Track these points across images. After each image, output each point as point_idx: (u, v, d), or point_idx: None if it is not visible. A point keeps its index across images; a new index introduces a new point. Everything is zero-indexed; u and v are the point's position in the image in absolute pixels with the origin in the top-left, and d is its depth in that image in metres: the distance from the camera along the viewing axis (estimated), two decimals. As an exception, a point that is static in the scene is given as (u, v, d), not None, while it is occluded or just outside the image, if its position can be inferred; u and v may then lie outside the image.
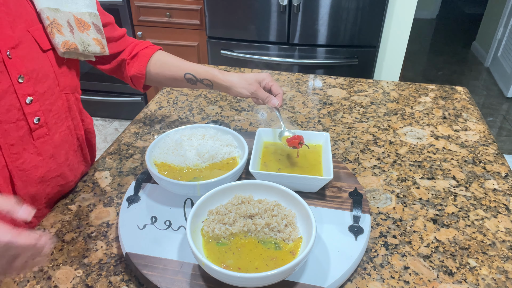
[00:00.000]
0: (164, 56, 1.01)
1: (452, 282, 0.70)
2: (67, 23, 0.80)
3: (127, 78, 1.02)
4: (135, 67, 1.00)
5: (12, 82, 0.72)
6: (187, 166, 0.86)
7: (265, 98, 0.93)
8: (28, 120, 0.75)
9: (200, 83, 0.97)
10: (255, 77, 0.93)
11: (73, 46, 0.81)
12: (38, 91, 0.77)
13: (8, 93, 0.71)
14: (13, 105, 0.72)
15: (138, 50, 1.00)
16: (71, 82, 0.86)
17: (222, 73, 0.94)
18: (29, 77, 0.75)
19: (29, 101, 0.75)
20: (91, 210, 0.86)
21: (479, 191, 0.91)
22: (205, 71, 0.95)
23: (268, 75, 0.95)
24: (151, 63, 1.00)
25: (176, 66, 0.98)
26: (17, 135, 0.74)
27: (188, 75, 0.96)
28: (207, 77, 0.95)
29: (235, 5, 2.07)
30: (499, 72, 3.62)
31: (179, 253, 0.73)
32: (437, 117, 1.19)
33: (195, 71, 0.96)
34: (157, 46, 1.04)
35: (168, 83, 1.03)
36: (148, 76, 1.01)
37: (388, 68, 2.30)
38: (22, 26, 0.74)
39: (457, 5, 5.68)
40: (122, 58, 1.00)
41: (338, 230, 0.77)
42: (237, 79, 0.93)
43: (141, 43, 1.03)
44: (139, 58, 1.00)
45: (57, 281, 0.71)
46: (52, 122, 0.81)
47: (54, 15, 0.78)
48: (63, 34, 0.79)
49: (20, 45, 0.73)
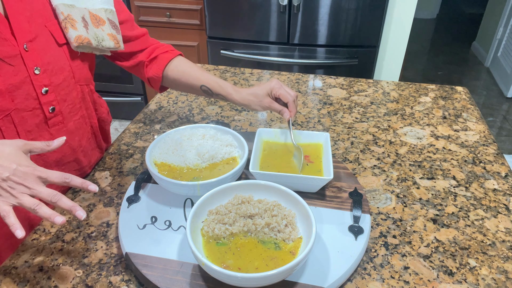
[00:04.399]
0: (183, 63, 1.02)
1: (452, 282, 0.70)
2: (81, 19, 0.84)
3: (145, 79, 1.04)
4: (153, 70, 1.02)
5: (29, 73, 0.77)
6: (187, 166, 0.86)
7: (279, 111, 0.93)
8: (44, 109, 0.80)
9: (216, 96, 0.98)
10: (265, 90, 0.92)
11: (86, 41, 0.84)
12: (54, 82, 0.81)
13: (25, 83, 0.76)
14: (29, 94, 0.78)
15: (158, 53, 1.02)
16: (86, 75, 0.91)
17: (236, 91, 0.94)
18: (45, 69, 0.79)
19: (45, 91, 0.80)
20: (91, 210, 0.86)
21: (479, 191, 0.91)
22: (220, 86, 0.96)
23: (276, 83, 0.92)
24: (169, 68, 1.01)
25: (193, 77, 0.99)
26: (33, 122, 0.80)
27: (204, 87, 0.98)
28: (222, 94, 0.96)
29: (235, 5, 2.07)
30: (499, 72, 3.62)
31: (179, 253, 0.73)
32: (437, 117, 1.19)
33: (210, 85, 0.97)
34: (177, 51, 1.05)
35: (185, 90, 1.04)
36: (165, 79, 1.03)
37: (388, 68, 2.30)
38: (40, 21, 0.79)
39: (457, 5, 5.68)
40: (140, 60, 1.02)
41: (338, 230, 0.77)
42: (250, 97, 0.93)
43: (162, 46, 1.04)
44: (158, 62, 1.02)
45: (57, 281, 0.71)
46: (67, 111, 0.86)
47: (68, 11, 0.82)
48: (76, 29, 0.82)
49: (37, 38, 0.78)
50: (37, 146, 0.68)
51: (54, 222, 0.60)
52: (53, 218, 0.60)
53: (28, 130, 0.79)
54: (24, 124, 0.78)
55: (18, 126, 0.77)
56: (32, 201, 0.60)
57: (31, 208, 0.60)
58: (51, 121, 0.82)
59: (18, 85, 0.75)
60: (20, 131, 0.78)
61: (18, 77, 0.75)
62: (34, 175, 0.62)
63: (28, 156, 0.66)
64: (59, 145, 0.70)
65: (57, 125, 0.84)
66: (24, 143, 0.66)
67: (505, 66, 3.49)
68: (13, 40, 0.74)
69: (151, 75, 1.02)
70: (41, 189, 0.62)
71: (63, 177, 0.63)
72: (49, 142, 0.69)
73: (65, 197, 0.62)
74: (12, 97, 0.75)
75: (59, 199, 0.61)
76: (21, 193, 0.61)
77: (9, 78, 0.73)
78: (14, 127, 0.77)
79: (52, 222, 0.60)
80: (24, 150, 0.65)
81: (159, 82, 1.03)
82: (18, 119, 0.77)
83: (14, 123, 0.76)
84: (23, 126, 0.78)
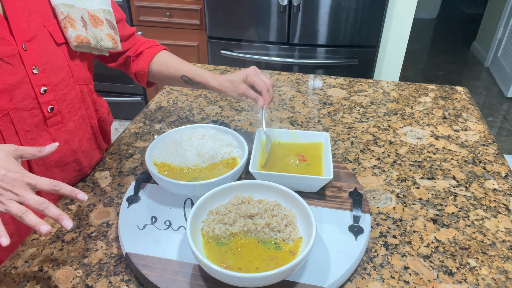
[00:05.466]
0: (165, 56, 1.04)
1: (452, 282, 0.70)
2: (80, 18, 0.84)
3: (131, 74, 1.06)
4: (139, 65, 1.03)
5: (27, 73, 0.77)
6: (187, 166, 0.86)
7: (254, 99, 0.92)
8: (43, 108, 0.80)
9: (197, 85, 1.00)
10: (241, 77, 0.92)
11: (85, 40, 0.84)
12: (52, 82, 0.81)
13: (24, 83, 0.76)
14: (28, 94, 0.77)
15: (143, 49, 1.04)
16: (85, 74, 0.90)
17: (214, 78, 0.95)
18: (44, 68, 0.79)
19: (43, 91, 0.80)
20: (91, 210, 0.86)
21: (479, 191, 0.91)
22: (199, 75, 0.97)
23: (252, 70, 0.92)
24: (153, 62, 1.03)
25: (174, 68, 1.01)
26: (32, 122, 0.80)
27: (184, 77, 1.00)
28: (201, 82, 0.98)
29: (235, 5, 2.07)
30: (499, 72, 3.62)
31: (179, 253, 0.73)
32: (437, 117, 1.19)
33: (190, 74, 0.99)
34: (162, 46, 1.07)
35: (169, 82, 1.06)
36: (150, 74, 1.05)
37: (388, 68, 2.30)
38: (38, 20, 0.79)
39: (457, 5, 5.68)
40: (127, 55, 1.04)
41: (338, 230, 0.77)
42: (226, 84, 0.94)
43: (148, 41, 1.06)
44: (143, 56, 1.03)
45: (57, 281, 0.71)
46: (66, 111, 0.86)
47: (68, 10, 0.82)
48: (76, 29, 0.83)
49: (36, 38, 0.78)
50: (29, 151, 0.67)
51: (39, 231, 0.58)
52: (38, 227, 0.58)
53: (27, 129, 0.79)
54: (23, 124, 0.78)
55: (17, 125, 0.77)
56: (19, 208, 0.59)
57: (17, 215, 0.58)
58: (50, 120, 0.82)
59: (16, 85, 0.75)
60: (19, 130, 0.78)
61: (16, 77, 0.75)
62: (23, 182, 0.60)
63: (19, 161, 0.65)
64: (51, 151, 0.69)
65: (56, 124, 0.84)
66: (15, 148, 0.65)
67: (505, 66, 3.49)
68: (12, 40, 0.74)
69: (137, 70, 1.04)
70: (29, 196, 0.60)
71: (52, 184, 0.62)
72: (40, 148, 0.68)
73: (53, 205, 0.61)
74: (10, 97, 0.75)
75: (46, 207, 0.60)
76: (9, 199, 0.59)
77: (7, 77, 0.74)
78: (13, 126, 0.77)
79: (38, 230, 0.58)
80: (15, 155, 0.64)
81: (145, 77, 1.04)
82: (16, 119, 0.77)
83: (13, 122, 0.76)
84: (21, 125, 0.78)
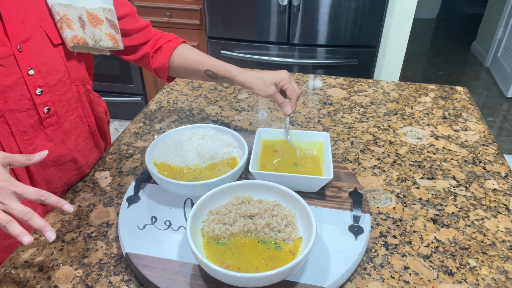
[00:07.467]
0: (186, 50, 1.02)
1: (452, 282, 0.70)
2: (78, 18, 0.83)
3: (152, 70, 1.04)
4: (158, 60, 1.01)
5: (23, 74, 0.76)
6: (187, 166, 0.86)
7: (280, 103, 0.92)
8: (38, 109, 0.80)
9: (221, 80, 0.98)
10: (274, 79, 0.91)
11: (82, 41, 0.83)
12: (48, 83, 0.81)
13: (19, 84, 0.76)
14: (23, 95, 0.77)
15: (162, 43, 1.02)
16: (82, 75, 0.90)
17: (242, 73, 0.93)
18: (40, 69, 0.78)
19: (39, 92, 0.79)
20: (91, 210, 0.86)
21: (479, 191, 0.91)
22: (224, 69, 0.95)
23: (286, 75, 0.91)
24: (174, 56, 1.01)
25: (197, 62, 0.99)
26: (28, 123, 0.79)
27: (209, 71, 0.97)
28: (227, 76, 0.95)
29: (235, 5, 2.07)
30: (499, 72, 3.62)
31: (179, 253, 0.73)
32: (437, 117, 1.19)
33: (215, 68, 0.96)
34: (181, 39, 1.04)
35: (191, 77, 1.04)
36: (171, 68, 1.03)
37: (388, 68, 2.30)
38: (34, 21, 0.78)
39: (457, 5, 5.68)
40: (145, 51, 1.02)
41: (338, 230, 0.77)
42: (256, 81, 0.91)
43: (166, 35, 1.04)
44: (162, 51, 1.01)
45: (57, 281, 0.71)
46: (62, 112, 0.85)
47: (64, 10, 0.81)
48: (72, 29, 0.82)
49: (31, 39, 0.77)
50: (17, 159, 0.66)
51: (22, 242, 0.58)
52: (21, 237, 0.58)
53: (22, 130, 0.79)
54: (19, 125, 0.78)
55: (13, 127, 0.77)
56: (4, 218, 0.58)
57: (1, 225, 0.58)
58: (46, 121, 0.82)
59: (11, 86, 0.74)
60: (14, 131, 0.77)
61: (10, 78, 0.74)
62: (9, 190, 0.60)
63: (7, 169, 0.64)
64: (40, 159, 0.68)
65: (53, 125, 0.83)
66: (4, 156, 0.64)
67: (505, 66, 3.49)
68: (6, 41, 0.73)
69: (157, 66, 1.02)
70: (14, 205, 0.60)
71: (38, 194, 0.61)
72: (30, 156, 0.67)
73: (38, 215, 0.60)
74: (5, 98, 0.74)
75: (30, 218, 0.59)
76: None
77: (1, 79, 0.73)
78: (9, 128, 0.76)
79: (20, 241, 0.58)
80: (3, 163, 0.64)
81: (166, 72, 1.03)
82: (12, 120, 0.76)
83: (8, 124, 0.76)
84: (17, 126, 0.77)
